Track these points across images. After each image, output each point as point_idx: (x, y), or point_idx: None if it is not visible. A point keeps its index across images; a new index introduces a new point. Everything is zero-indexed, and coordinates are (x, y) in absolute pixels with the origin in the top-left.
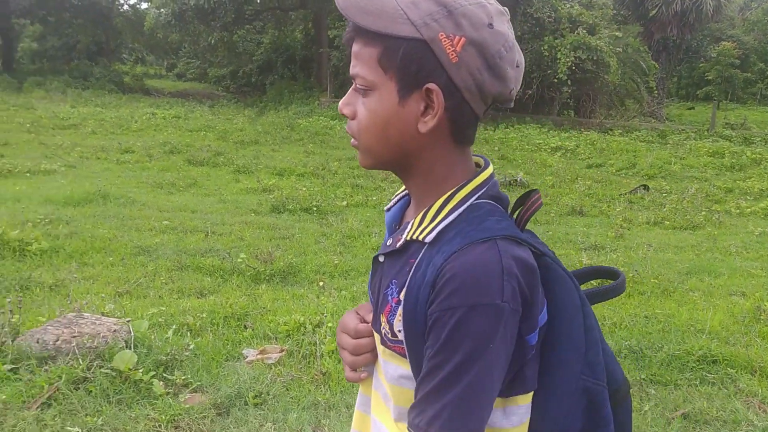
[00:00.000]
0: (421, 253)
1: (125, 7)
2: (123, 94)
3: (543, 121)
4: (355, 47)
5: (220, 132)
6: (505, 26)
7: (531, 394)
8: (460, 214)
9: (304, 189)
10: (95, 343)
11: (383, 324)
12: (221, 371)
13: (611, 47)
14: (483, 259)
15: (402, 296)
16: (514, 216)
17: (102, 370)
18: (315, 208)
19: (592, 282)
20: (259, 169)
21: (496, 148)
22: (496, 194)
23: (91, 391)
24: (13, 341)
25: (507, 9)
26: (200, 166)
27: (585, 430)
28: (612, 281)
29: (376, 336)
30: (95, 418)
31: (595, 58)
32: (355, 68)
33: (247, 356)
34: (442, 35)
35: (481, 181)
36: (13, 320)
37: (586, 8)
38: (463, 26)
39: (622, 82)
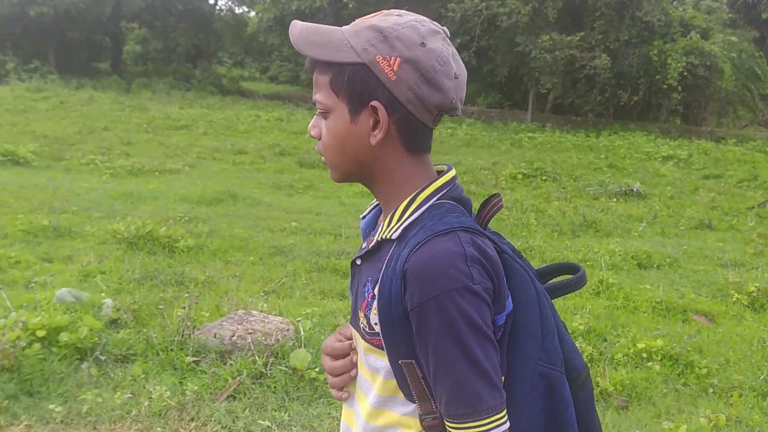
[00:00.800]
0: (391, 250)
1: (225, 11)
2: (222, 95)
3: (649, 129)
4: (315, 75)
5: None
6: (438, 43)
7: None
8: (422, 213)
9: None
10: (269, 341)
11: (361, 319)
12: None
13: (725, 52)
14: (446, 249)
15: (376, 291)
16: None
17: (279, 367)
18: None
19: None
20: None
21: (603, 156)
22: (458, 196)
23: (270, 387)
24: (191, 335)
25: (445, 29)
26: (311, 168)
27: (545, 411)
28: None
29: (356, 334)
30: (282, 414)
31: (708, 63)
32: (315, 95)
33: None
34: (379, 57)
35: (441, 184)
36: (190, 314)
37: (699, 11)
38: (397, 47)
39: (734, 89)
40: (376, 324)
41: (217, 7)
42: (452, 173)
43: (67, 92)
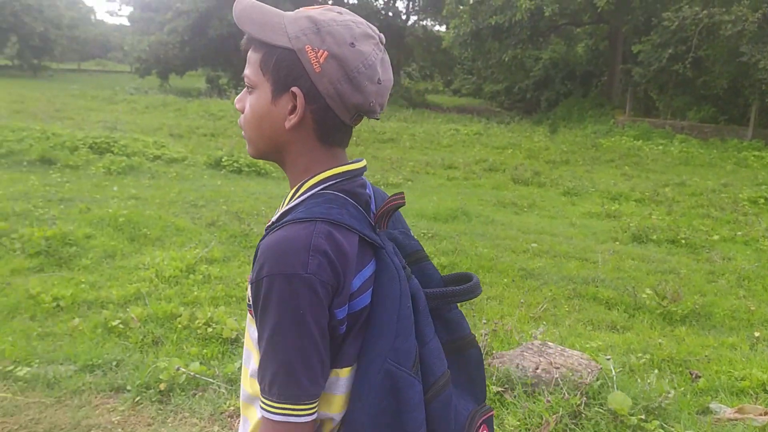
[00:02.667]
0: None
1: (416, 26)
2: (412, 108)
3: None
4: (249, 52)
5: (527, 150)
6: (368, 47)
7: (349, 368)
8: (302, 200)
9: (654, 217)
10: (576, 377)
11: (247, 289)
12: (700, 427)
13: None
14: (294, 236)
15: None
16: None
17: (596, 408)
18: (683, 241)
19: None
20: (588, 192)
21: None
22: (351, 189)
23: (588, 429)
24: (490, 363)
25: (382, 36)
26: (525, 185)
27: (388, 409)
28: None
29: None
30: None
31: None
32: (246, 70)
33: (717, 412)
34: (308, 47)
35: (329, 175)
36: (489, 341)
37: None
38: (327, 42)
39: None
40: (250, 296)
41: (409, 23)
42: (349, 167)
43: None
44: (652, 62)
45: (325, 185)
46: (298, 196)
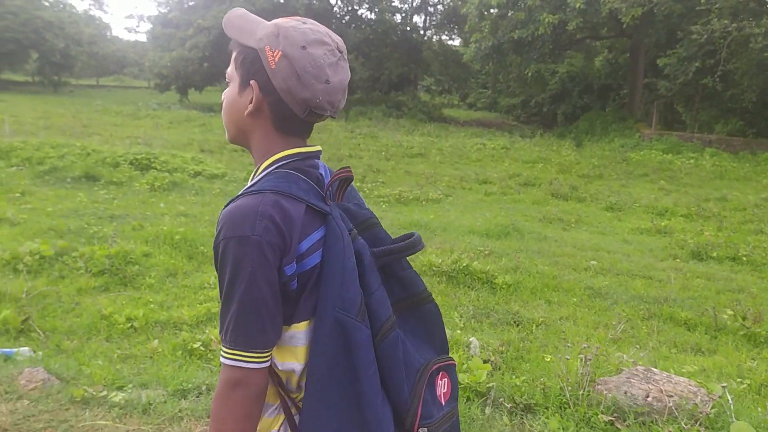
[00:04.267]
0: None
1: (434, 41)
2: (430, 122)
3: None
4: (233, 51)
5: (557, 164)
6: (319, 51)
7: (306, 322)
8: (261, 178)
9: (707, 234)
10: (689, 406)
11: None
12: None
13: None
14: (245, 205)
15: None
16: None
17: None
18: (744, 258)
19: None
20: (631, 207)
21: None
22: (301, 168)
23: None
24: (592, 389)
25: (342, 46)
26: (565, 200)
27: (341, 351)
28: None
29: None
30: None
31: None
32: (228, 67)
33: None
34: (267, 48)
35: (282, 156)
36: (594, 365)
37: None
38: (282, 44)
39: None
40: None
41: (425, 37)
42: (298, 150)
43: None
44: (678, 75)
45: (279, 164)
46: (259, 174)
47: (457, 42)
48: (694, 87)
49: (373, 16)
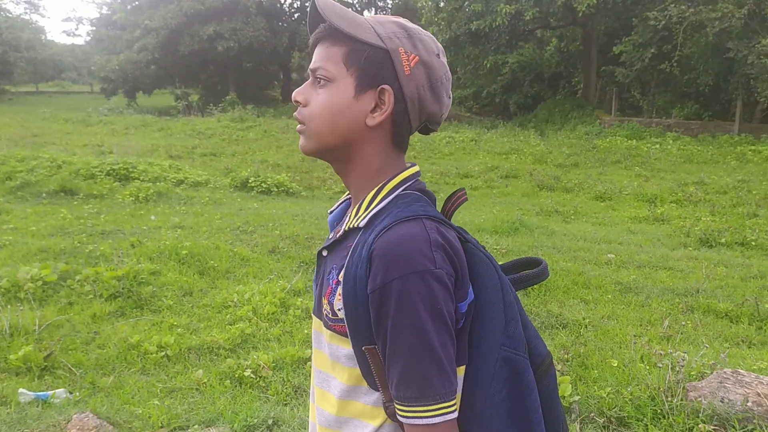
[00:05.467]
0: (357, 237)
1: None
2: None
3: None
4: (323, 46)
5: (530, 155)
6: (445, 62)
7: (463, 367)
8: (389, 202)
9: (705, 219)
10: None
11: (325, 306)
12: None
13: None
14: (410, 234)
15: (341, 277)
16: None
17: None
18: (753, 243)
19: None
20: (620, 195)
21: None
22: (423, 189)
23: None
24: (683, 396)
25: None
26: (552, 191)
27: (510, 395)
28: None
29: (318, 322)
30: None
31: None
32: (317, 63)
33: None
34: (401, 50)
35: (407, 175)
36: (686, 371)
37: None
38: (419, 48)
39: None
40: (339, 310)
41: None
42: (416, 168)
43: (264, 120)
44: (634, 62)
45: (406, 185)
46: (381, 199)
47: None
48: (651, 73)
49: None
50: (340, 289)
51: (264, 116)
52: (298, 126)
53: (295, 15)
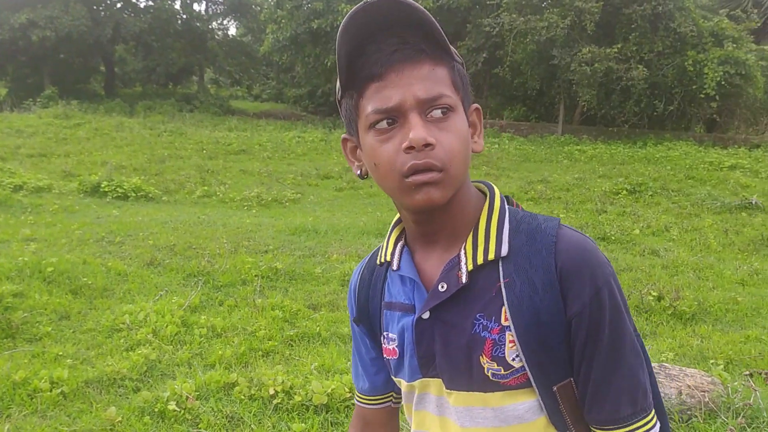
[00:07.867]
0: (501, 270)
1: (219, 31)
2: (223, 115)
3: (683, 138)
4: (425, 67)
5: None
6: None
7: None
8: (510, 222)
9: (563, 216)
10: (726, 399)
11: (486, 366)
12: None
13: (757, 61)
14: (580, 237)
15: (506, 321)
16: None
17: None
18: (612, 237)
19: None
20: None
21: (668, 168)
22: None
23: None
24: None
25: None
26: None
27: (655, 393)
28: None
29: (473, 397)
30: None
31: (743, 72)
32: (436, 89)
33: None
34: (462, 64)
35: (499, 194)
36: None
37: (731, 21)
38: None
39: (766, 96)
40: (515, 358)
41: (211, 26)
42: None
43: (93, 117)
44: (468, 66)
45: (504, 203)
46: (500, 223)
47: (239, 31)
48: (483, 76)
49: (151, 3)
50: (509, 336)
51: (91, 113)
52: (429, 175)
53: (118, 4)
